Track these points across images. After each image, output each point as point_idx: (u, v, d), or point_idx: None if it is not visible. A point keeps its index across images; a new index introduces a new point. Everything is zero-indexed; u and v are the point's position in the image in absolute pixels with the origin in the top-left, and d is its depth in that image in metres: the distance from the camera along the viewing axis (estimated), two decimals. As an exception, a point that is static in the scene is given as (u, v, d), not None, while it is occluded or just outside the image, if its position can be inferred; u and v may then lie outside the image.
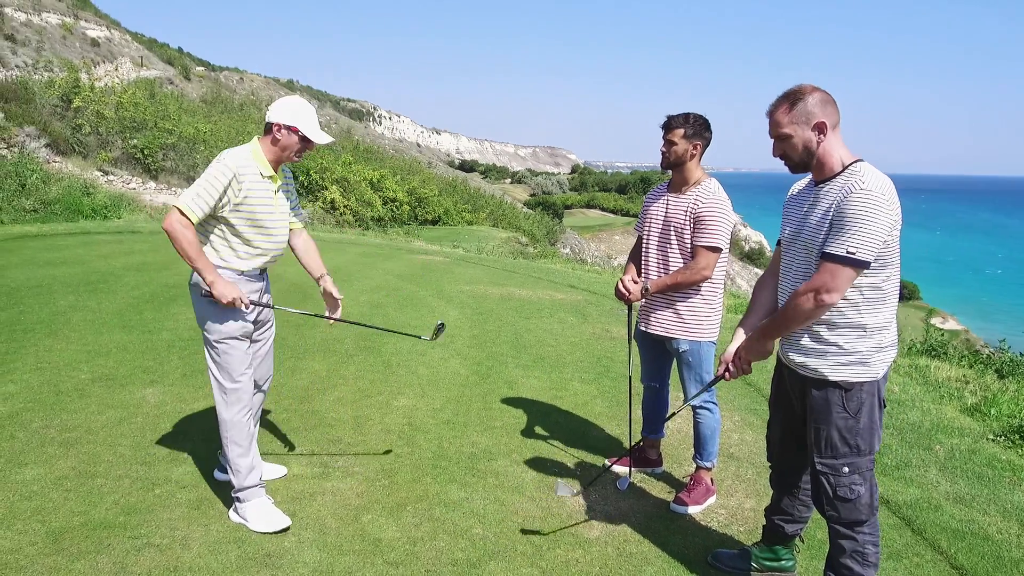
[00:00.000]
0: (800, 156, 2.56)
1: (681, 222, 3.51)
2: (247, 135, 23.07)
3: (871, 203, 2.35)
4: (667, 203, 3.59)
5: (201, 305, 3.15)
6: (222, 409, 3.21)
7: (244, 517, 3.23)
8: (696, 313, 3.55)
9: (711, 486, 3.72)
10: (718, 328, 3.63)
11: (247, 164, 3.08)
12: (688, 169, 3.52)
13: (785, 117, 2.53)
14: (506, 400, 5.04)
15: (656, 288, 3.54)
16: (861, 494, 2.56)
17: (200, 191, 2.98)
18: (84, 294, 7.24)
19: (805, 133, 2.51)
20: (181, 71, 45.53)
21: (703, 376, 3.61)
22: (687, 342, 3.57)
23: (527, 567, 3.05)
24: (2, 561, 2.84)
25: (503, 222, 30.76)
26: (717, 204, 3.45)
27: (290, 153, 3.15)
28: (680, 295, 3.54)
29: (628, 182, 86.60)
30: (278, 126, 3.09)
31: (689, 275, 3.47)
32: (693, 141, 3.46)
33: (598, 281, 10.93)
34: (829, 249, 2.40)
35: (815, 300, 2.42)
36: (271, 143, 3.13)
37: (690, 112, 3.50)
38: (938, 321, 33.58)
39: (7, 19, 34.84)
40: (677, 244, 3.54)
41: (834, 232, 2.40)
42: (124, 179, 17.25)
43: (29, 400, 4.45)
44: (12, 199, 12.88)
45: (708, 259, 3.45)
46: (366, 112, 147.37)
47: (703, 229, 3.44)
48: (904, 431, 4.85)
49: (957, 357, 8.01)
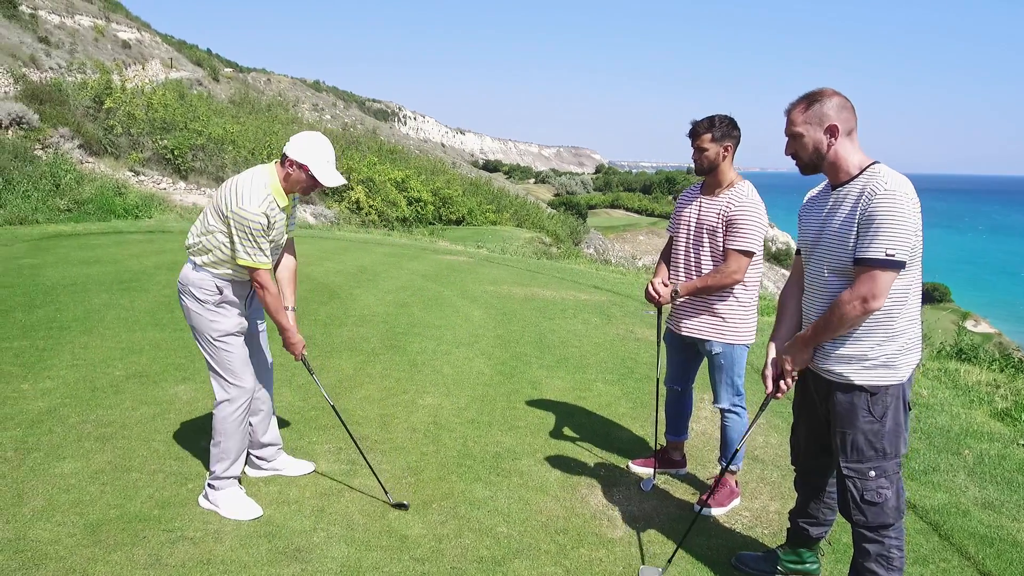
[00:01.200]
0: (809, 156, 2.58)
1: (714, 225, 3.48)
2: (273, 135, 23.33)
3: (898, 203, 2.36)
4: (700, 205, 3.57)
5: (195, 308, 3.29)
6: (224, 406, 3.34)
7: (215, 503, 3.35)
8: (731, 316, 3.52)
9: (735, 488, 3.71)
10: (753, 332, 3.60)
11: (267, 200, 3.18)
12: (721, 171, 3.49)
13: (800, 116, 2.56)
14: (530, 400, 5.07)
15: (686, 291, 3.53)
16: (888, 497, 2.56)
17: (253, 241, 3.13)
18: (117, 292, 7.40)
19: (816, 134, 2.54)
20: (210, 72, 46.16)
21: (734, 379, 3.59)
22: (721, 344, 3.55)
23: (551, 566, 3.08)
24: (42, 552, 2.93)
25: (527, 222, 30.76)
26: (751, 207, 3.42)
27: (299, 188, 3.25)
28: (715, 297, 3.51)
29: (653, 182, 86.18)
30: (291, 161, 3.18)
31: (719, 278, 3.44)
32: (723, 143, 3.44)
33: (622, 282, 10.92)
34: (868, 254, 2.39)
35: (862, 307, 2.42)
36: (284, 175, 3.23)
37: (714, 115, 3.47)
38: (970, 324, 32.97)
39: (41, 22, 35.55)
40: (709, 247, 3.52)
41: (866, 236, 2.40)
42: (155, 179, 17.54)
43: (66, 396, 4.57)
44: (47, 199, 13.16)
45: (739, 263, 3.42)
46: (391, 112, 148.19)
47: (736, 232, 3.42)
48: (932, 435, 4.80)
49: (988, 361, 7.88)
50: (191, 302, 3.29)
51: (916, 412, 5.24)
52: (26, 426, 4.10)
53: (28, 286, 7.43)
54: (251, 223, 3.09)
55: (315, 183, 3.21)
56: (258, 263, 3.16)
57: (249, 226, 3.10)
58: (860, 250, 2.42)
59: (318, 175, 3.17)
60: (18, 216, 12.08)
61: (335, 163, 3.29)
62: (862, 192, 2.44)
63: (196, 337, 3.38)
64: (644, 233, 50.79)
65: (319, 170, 3.17)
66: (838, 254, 2.52)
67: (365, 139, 35.40)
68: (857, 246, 2.43)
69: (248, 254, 3.14)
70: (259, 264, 3.16)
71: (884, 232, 2.36)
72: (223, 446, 3.34)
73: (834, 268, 2.55)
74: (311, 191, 3.30)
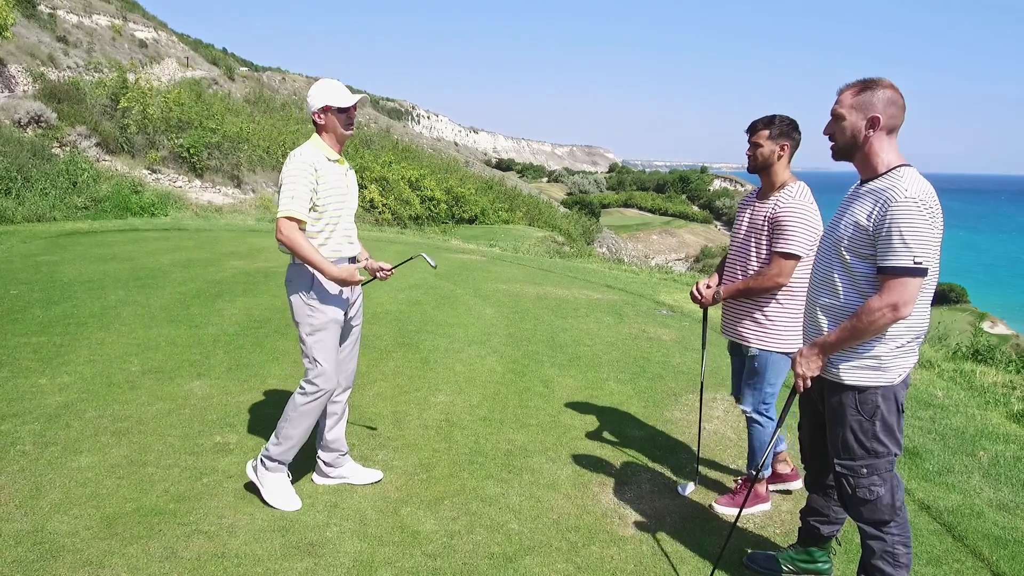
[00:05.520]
0: (845, 141, 2.56)
1: (760, 227, 3.41)
2: (289, 134, 23.47)
3: (923, 211, 2.35)
4: (753, 209, 3.50)
5: (298, 298, 3.34)
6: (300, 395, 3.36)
7: (261, 481, 3.40)
8: (772, 320, 3.43)
9: (762, 493, 3.66)
10: (798, 339, 3.39)
11: (314, 153, 3.27)
12: (775, 172, 3.41)
13: (849, 99, 2.54)
14: (542, 398, 5.08)
15: (727, 294, 3.49)
16: (881, 495, 2.56)
17: (294, 193, 3.18)
18: (133, 289, 7.48)
19: (858, 121, 2.51)
20: (225, 71, 46.39)
21: (764, 387, 3.51)
22: (757, 348, 3.47)
23: (562, 562, 3.09)
24: (60, 544, 2.97)
25: (539, 221, 30.78)
26: (798, 208, 3.31)
27: (340, 128, 3.34)
28: (763, 300, 3.43)
29: (666, 181, 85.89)
30: (315, 114, 3.31)
31: (761, 281, 3.36)
32: (780, 142, 3.37)
33: (635, 281, 10.90)
34: (896, 262, 2.37)
35: (892, 314, 2.39)
36: (322, 133, 3.34)
37: (776, 114, 3.42)
38: (987, 325, 32.64)
39: (60, 21, 35.87)
40: (756, 250, 3.45)
41: (891, 244, 2.37)
42: (171, 177, 17.70)
43: (83, 391, 4.63)
44: (64, 196, 13.32)
45: (782, 266, 3.32)
46: (405, 111, 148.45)
47: (779, 234, 3.32)
48: (947, 436, 4.77)
49: (1004, 362, 7.81)
50: (294, 297, 3.35)
51: (931, 413, 5.21)
52: (44, 420, 4.15)
53: (46, 282, 7.52)
54: (292, 167, 3.20)
55: (342, 112, 3.29)
56: (285, 211, 3.17)
57: (290, 171, 3.20)
58: (889, 258, 2.38)
59: (334, 102, 3.26)
60: (36, 213, 12.23)
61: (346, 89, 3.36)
62: (882, 193, 2.43)
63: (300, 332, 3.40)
64: (657, 232, 50.66)
65: (334, 98, 3.27)
66: (840, 248, 2.53)
67: (379, 138, 35.51)
68: (883, 254, 2.40)
69: (284, 201, 3.18)
70: (291, 212, 3.16)
71: (910, 240, 2.34)
72: (286, 431, 3.38)
73: (834, 261, 2.57)
74: (349, 127, 3.37)
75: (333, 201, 3.31)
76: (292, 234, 3.17)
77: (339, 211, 3.35)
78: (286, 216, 3.17)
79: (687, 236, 54.42)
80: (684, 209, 68.61)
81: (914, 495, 3.86)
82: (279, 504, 3.36)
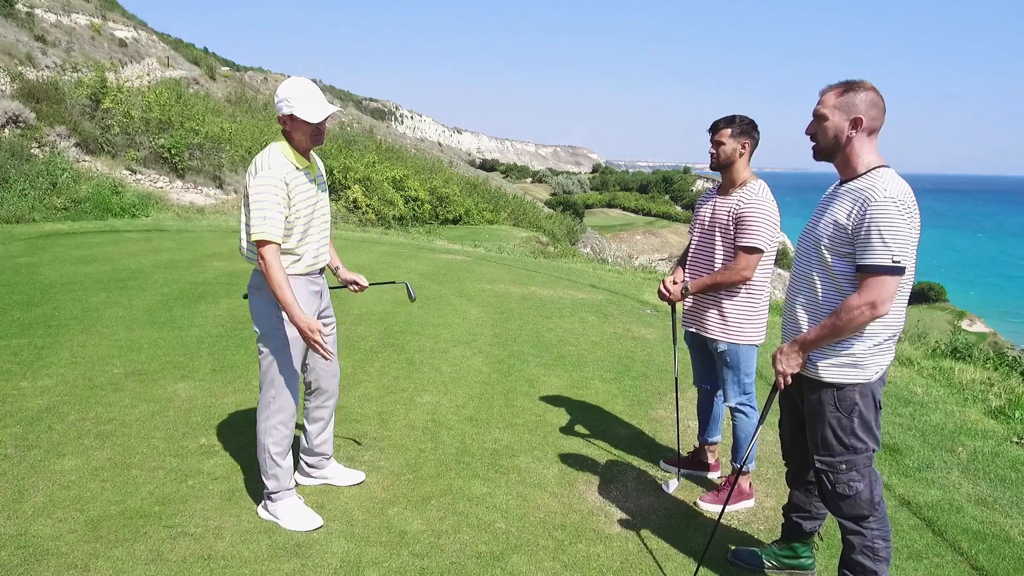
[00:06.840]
0: (827, 141, 2.60)
1: (724, 223, 3.51)
2: (271, 135, 23.30)
3: (902, 211, 2.39)
4: (714, 205, 3.60)
5: (260, 308, 3.19)
6: (270, 413, 3.22)
7: (275, 515, 3.28)
8: (737, 315, 3.53)
9: (746, 490, 3.71)
10: (762, 332, 3.59)
11: (283, 166, 3.06)
12: (736, 170, 3.52)
13: (831, 99, 2.58)
14: (527, 398, 5.10)
15: (695, 288, 3.57)
16: (860, 490, 2.61)
17: (265, 213, 2.98)
18: (115, 291, 7.41)
19: (840, 122, 2.55)
20: (206, 71, 46.03)
21: (741, 378, 3.60)
22: (725, 343, 3.56)
23: (549, 560, 3.11)
24: (44, 548, 2.95)
25: (524, 221, 30.78)
26: (759, 204, 3.43)
27: (306, 141, 3.13)
28: (723, 295, 3.53)
29: (650, 181, 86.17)
30: (281, 119, 3.10)
31: (728, 275, 3.46)
32: (741, 140, 3.48)
33: (619, 281, 10.96)
34: (875, 261, 2.42)
35: (871, 312, 2.44)
36: (289, 139, 3.14)
37: (736, 114, 3.54)
38: (966, 323, 33.08)
39: (38, 20, 35.45)
40: (721, 246, 3.54)
41: (870, 243, 2.42)
42: (151, 178, 17.53)
43: (65, 393, 4.59)
44: (44, 197, 13.16)
45: (747, 260, 3.43)
46: (388, 111, 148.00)
47: (743, 229, 3.43)
48: (927, 433, 4.84)
49: (982, 359, 7.94)
50: (261, 303, 3.18)
51: (911, 410, 5.29)
52: (26, 423, 4.11)
53: (26, 284, 7.43)
54: (262, 182, 2.98)
55: (314, 127, 3.09)
56: (266, 231, 2.97)
57: (260, 187, 2.98)
58: (868, 257, 2.43)
59: (300, 114, 3.03)
60: (15, 215, 12.08)
61: (320, 96, 3.12)
62: (861, 193, 2.47)
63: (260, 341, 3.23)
64: (641, 232, 50.85)
65: (301, 108, 3.04)
66: (820, 247, 2.57)
67: (362, 138, 35.38)
68: (862, 253, 2.45)
69: (256, 221, 2.97)
70: (266, 235, 2.97)
71: (888, 238, 2.39)
72: (268, 464, 3.23)
73: (813, 260, 2.61)
74: (318, 139, 3.15)
75: (304, 214, 3.13)
76: (272, 261, 2.98)
77: (310, 221, 3.18)
78: (260, 239, 2.98)
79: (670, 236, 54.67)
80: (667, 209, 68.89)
81: (895, 491, 3.92)
82: (303, 527, 3.22)
